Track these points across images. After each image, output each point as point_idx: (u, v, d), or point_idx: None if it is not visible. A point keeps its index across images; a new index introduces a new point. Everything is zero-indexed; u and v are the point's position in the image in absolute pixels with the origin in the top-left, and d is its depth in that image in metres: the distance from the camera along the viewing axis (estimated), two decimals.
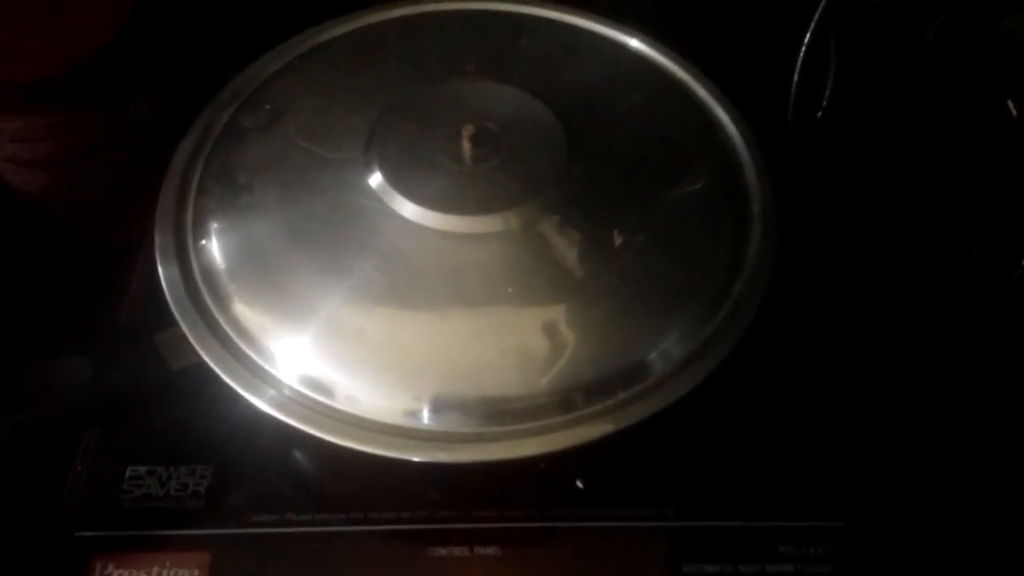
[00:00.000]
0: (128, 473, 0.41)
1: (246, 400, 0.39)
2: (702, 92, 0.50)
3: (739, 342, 0.40)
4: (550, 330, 0.40)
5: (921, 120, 0.51)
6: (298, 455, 0.43)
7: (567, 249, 0.41)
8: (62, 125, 0.51)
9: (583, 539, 0.40)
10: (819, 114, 0.55)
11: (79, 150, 0.52)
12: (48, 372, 0.38)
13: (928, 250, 0.51)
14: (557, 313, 0.40)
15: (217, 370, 0.38)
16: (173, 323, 0.40)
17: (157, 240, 0.43)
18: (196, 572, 0.38)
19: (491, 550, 0.40)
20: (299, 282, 0.40)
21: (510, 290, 0.40)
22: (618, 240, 0.42)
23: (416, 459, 0.37)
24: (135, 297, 0.48)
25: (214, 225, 0.43)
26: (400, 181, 0.42)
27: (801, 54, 0.52)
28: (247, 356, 0.39)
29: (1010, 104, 0.47)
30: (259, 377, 0.39)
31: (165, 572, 0.38)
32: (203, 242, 0.43)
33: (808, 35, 0.51)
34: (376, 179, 0.42)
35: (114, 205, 0.55)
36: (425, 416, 0.38)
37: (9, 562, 0.40)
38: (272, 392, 0.38)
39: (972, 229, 0.49)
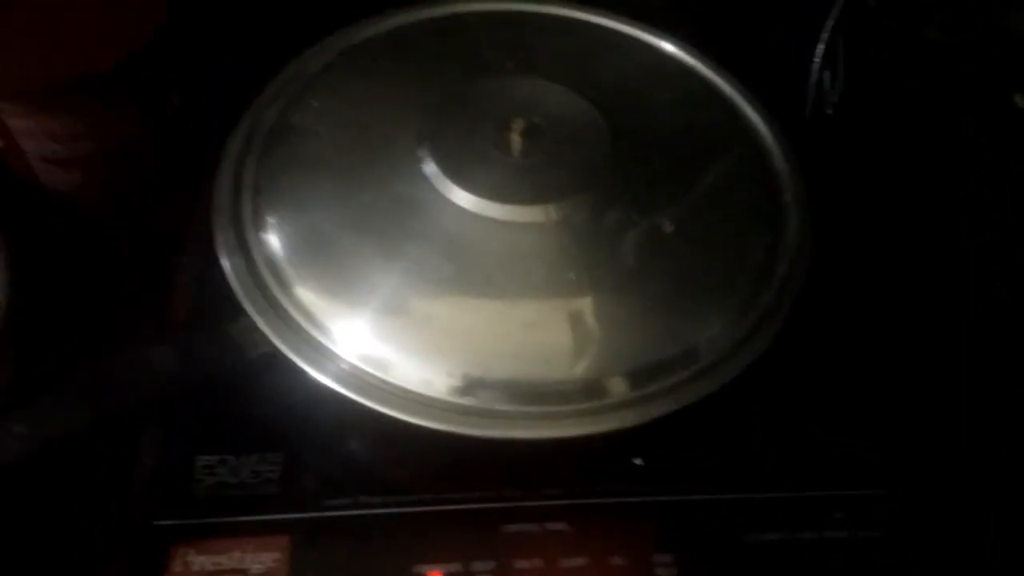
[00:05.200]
0: (199, 462, 0.42)
1: (313, 387, 0.40)
2: (728, 88, 0.52)
3: (786, 321, 0.43)
4: (609, 314, 0.42)
5: (928, 114, 0.54)
6: (367, 440, 0.44)
7: (618, 237, 0.43)
8: (100, 123, 0.51)
9: (646, 513, 0.42)
10: (830, 111, 0.58)
11: (115, 147, 0.52)
12: (131, 364, 0.38)
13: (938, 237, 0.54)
14: (614, 298, 0.42)
15: (294, 358, 0.39)
16: (235, 313, 0.41)
17: (218, 237, 0.44)
18: (277, 555, 0.39)
19: (560, 526, 0.41)
20: (361, 269, 0.42)
21: (572, 275, 0.42)
22: (666, 229, 0.44)
23: (492, 436, 0.39)
24: (186, 291, 0.48)
25: (271, 219, 0.44)
26: (454, 172, 0.44)
27: (817, 56, 0.55)
28: (318, 342, 0.40)
29: (1017, 98, 0.50)
30: (331, 360, 0.40)
31: (247, 557, 0.39)
32: (263, 235, 0.44)
33: (825, 36, 0.54)
34: (431, 169, 0.44)
35: (147, 201, 0.55)
36: (494, 397, 0.40)
37: (87, 553, 0.41)
38: (352, 379, 0.39)
39: (981, 217, 0.52)
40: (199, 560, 0.39)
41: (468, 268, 0.42)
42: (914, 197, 0.53)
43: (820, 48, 0.55)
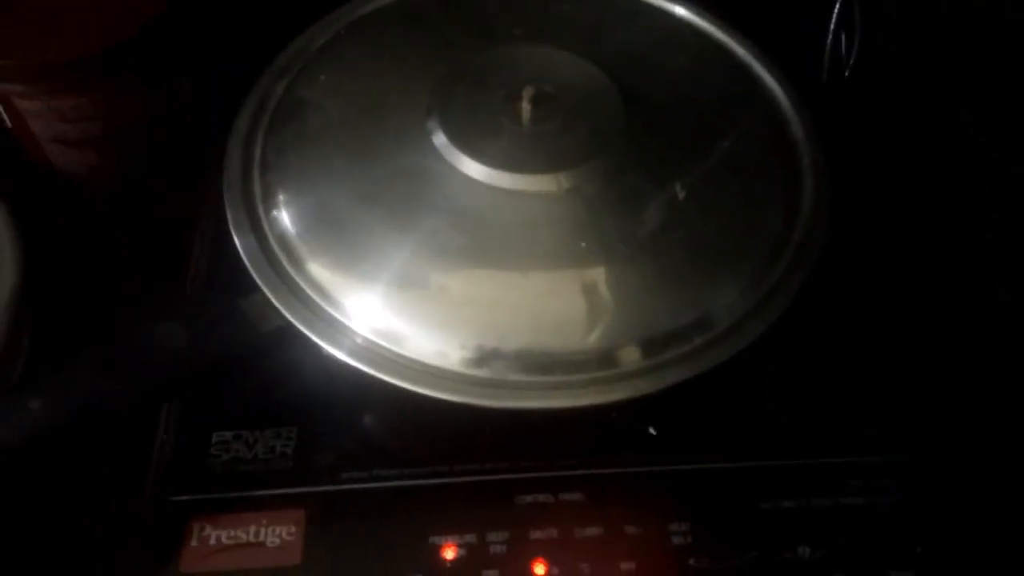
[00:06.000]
0: (214, 438, 0.42)
1: (327, 361, 0.40)
2: (742, 52, 0.51)
3: (801, 288, 0.42)
4: (623, 282, 0.41)
5: (953, 71, 0.53)
6: (381, 413, 0.44)
7: (632, 205, 0.43)
8: (110, 103, 0.51)
9: (662, 483, 0.42)
10: (846, 73, 0.57)
11: (125, 128, 0.52)
12: (145, 339, 0.38)
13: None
14: (628, 266, 0.41)
15: (307, 332, 0.39)
16: (248, 290, 0.41)
17: (229, 214, 0.43)
18: (293, 528, 0.39)
19: (574, 496, 0.41)
20: (372, 242, 0.42)
21: (583, 244, 0.41)
22: (680, 195, 0.43)
23: (506, 407, 0.39)
24: (198, 268, 0.48)
25: (282, 195, 0.44)
26: (464, 142, 0.43)
27: (833, 17, 0.54)
28: (331, 316, 0.40)
29: None
30: (344, 334, 0.40)
31: (263, 530, 0.39)
32: (274, 212, 0.43)
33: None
34: (441, 140, 0.43)
35: (158, 181, 0.56)
36: (508, 368, 0.39)
37: (104, 529, 0.41)
38: (365, 353, 0.39)
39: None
40: (216, 534, 0.39)
41: (480, 239, 0.42)
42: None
43: (836, 10, 0.54)
